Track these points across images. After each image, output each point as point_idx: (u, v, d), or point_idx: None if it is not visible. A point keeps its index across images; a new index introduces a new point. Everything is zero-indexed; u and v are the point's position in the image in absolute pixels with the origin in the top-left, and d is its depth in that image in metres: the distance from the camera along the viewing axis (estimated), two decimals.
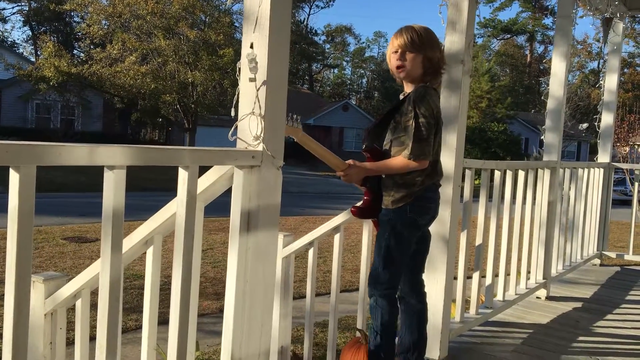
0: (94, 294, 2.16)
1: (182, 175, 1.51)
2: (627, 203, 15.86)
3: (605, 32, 4.77)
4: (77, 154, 1.21)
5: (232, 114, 1.80)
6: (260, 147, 1.65)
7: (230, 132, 1.69)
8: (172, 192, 1.62)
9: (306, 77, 57.86)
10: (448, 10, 2.71)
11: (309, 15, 56.90)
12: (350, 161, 2.31)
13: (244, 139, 1.68)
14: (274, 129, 1.69)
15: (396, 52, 2.26)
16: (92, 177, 17.31)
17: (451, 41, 2.69)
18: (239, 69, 1.69)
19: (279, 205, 1.75)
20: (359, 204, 2.41)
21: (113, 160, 1.31)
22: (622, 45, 5.30)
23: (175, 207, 1.62)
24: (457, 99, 2.66)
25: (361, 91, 61.86)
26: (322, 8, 57.95)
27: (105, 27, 26.62)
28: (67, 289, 2.07)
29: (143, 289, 1.97)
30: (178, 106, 26.62)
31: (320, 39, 58.23)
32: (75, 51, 40.58)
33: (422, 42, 2.23)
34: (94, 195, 13.12)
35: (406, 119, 2.19)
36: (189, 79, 24.94)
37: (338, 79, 62.45)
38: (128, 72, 24.51)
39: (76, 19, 40.55)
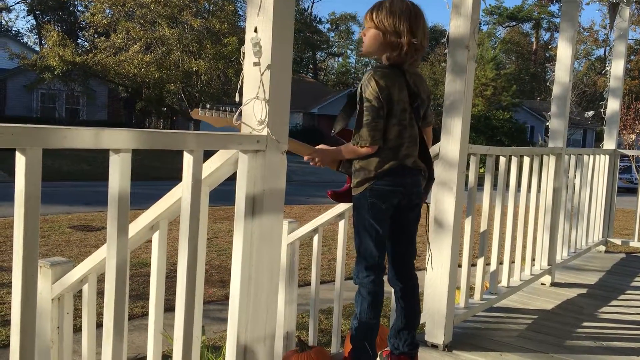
0: (100, 280, 2.18)
1: (187, 159, 1.51)
2: (632, 191, 15.80)
3: (612, 17, 4.73)
4: (83, 137, 1.22)
5: (237, 98, 1.80)
6: (264, 132, 1.65)
7: (235, 117, 1.70)
8: (177, 180, 1.62)
9: (310, 66, 57.65)
10: None
11: (312, 3, 56.73)
12: (320, 146, 2.30)
13: (248, 124, 1.68)
14: (278, 114, 1.69)
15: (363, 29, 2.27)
16: (96, 166, 17.37)
17: (456, 25, 2.67)
18: (243, 53, 1.69)
19: (283, 190, 1.75)
20: (339, 189, 2.41)
21: (118, 144, 1.31)
22: (628, 31, 5.25)
23: (181, 192, 1.63)
24: (462, 84, 2.64)
25: None
26: None
27: (109, 16, 26.55)
28: (74, 274, 2.08)
29: (149, 276, 1.98)
30: (182, 95, 26.61)
31: (324, 27, 57.98)
32: (79, 40, 40.55)
33: (380, 17, 2.16)
34: (99, 184, 13.15)
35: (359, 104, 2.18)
36: (193, 68, 24.90)
37: (342, 68, 62.21)
38: (132, 61, 24.50)
39: (80, 7, 40.53)
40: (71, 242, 8.31)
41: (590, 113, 31.26)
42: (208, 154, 1.69)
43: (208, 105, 2.16)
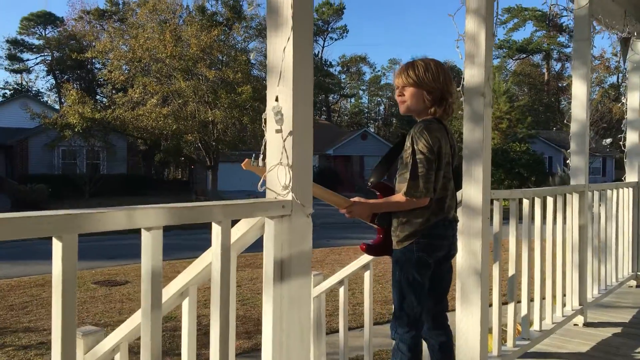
0: (131, 349, 2.18)
1: (216, 230, 1.54)
2: None
3: (624, 51, 4.75)
4: (116, 219, 1.25)
5: (260, 164, 1.83)
6: (289, 197, 1.68)
7: (260, 183, 1.72)
8: (194, 230, 1.64)
9: (324, 109, 58.32)
10: (465, 44, 2.73)
11: (323, 47, 57.64)
12: (355, 198, 2.31)
13: (273, 189, 1.71)
14: (302, 178, 1.71)
15: (397, 88, 2.32)
16: None
17: (470, 74, 2.71)
18: (265, 119, 1.73)
19: (310, 252, 1.77)
20: (370, 240, 2.40)
21: (150, 222, 1.34)
22: None
23: (209, 259, 1.65)
24: (480, 132, 2.67)
25: (379, 118, 62.12)
26: (336, 40, 58.80)
27: (126, 72, 27.32)
28: (106, 344, 2.10)
29: (175, 330, 1.99)
30: (199, 145, 27.01)
31: (335, 70, 58.90)
32: (98, 97, 41.64)
33: (418, 76, 2.24)
34: (121, 238, 13.28)
35: (406, 155, 2.20)
36: (209, 118, 25.35)
37: (355, 108, 62.87)
38: (150, 114, 25.03)
39: (97, 65, 41.71)
40: (96, 298, 8.34)
41: (608, 141, 31.02)
42: None
43: (261, 156, 2.17)
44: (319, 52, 57.11)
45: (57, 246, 1.18)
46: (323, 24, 56.01)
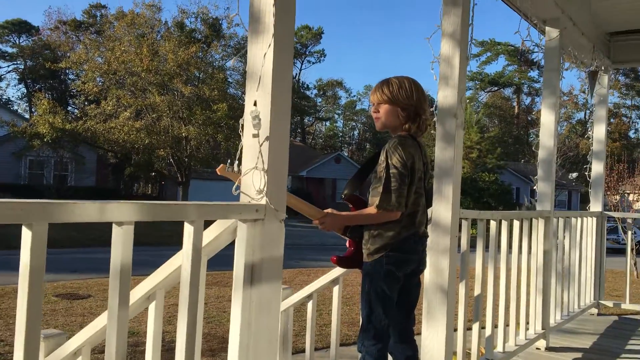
0: (94, 353, 2.14)
1: (188, 230, 1.54)
2: (619, 252, 15.88)
3: (592, 84, 4.92)
4: (89, 211, 1.24)
5: (235, 168, 1.85)
6: (263, 201, 1.69)
7: (234, 187, 1.73)
8: (164, 246, 1.64)
9: (299, 130, 58.54)
10: (440, 66, 2.81)
11: (300, 70, 58.12)
12: (328, 210, 2.33)
13: (247, 193, 1.72)
14: (276, 183, 1.73)
15: (373, 105, 2.38)
16: (83, 233, 17.20)
17: (444, 96, 2.77)
18: (242, 125, 1.75)
19: (282, 258, 1.77)
20: (342, 253, 2.42)
21: (122, 217, 1.33)
22: (608, 96, 5.45)
23: (179, 261, 1.64)
24: (451, 151, 2.72)
25: (353, 143, 62.60)
26: (313, 63, 59.27)
27: (100, 84, 27.04)
28: (68, 347, 2.05)
29: (137, 345, 1.96)
30: (172, 160, 26.79)
31: (312, 93, 59.32)
32: (69, 107, 41.03)
33: (392, 93, 2.29)
34: (86, 251, 13.01)
35: (380, 169, 2.23)
36: (183, 134, 25.20)
37: (330, 132, 63.26)
38: (122, 127, 24.77)
39: (71, 76, 41.25)
40: (57, 311, 8.12)
41: (575, 175, 31.79)
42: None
43: (237, 162, 2.18)
44: (296, 74, 57.49)
45: (26, 235, 1.17)
46: (301, 47, 56.53)
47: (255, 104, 1.69)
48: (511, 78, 53.52)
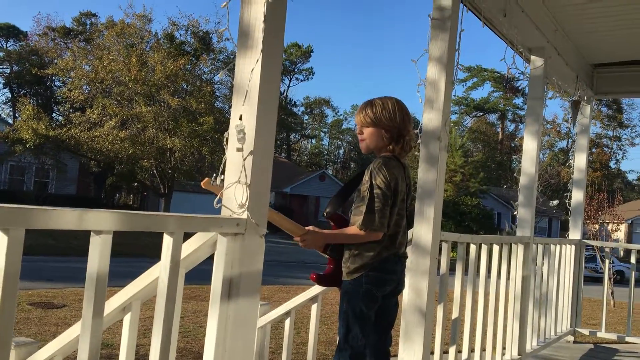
0: None
1: (167, 241, 1.53)
2: (598, 280, 16.02)
3: (574, 113, 5.00)
4: (67, 218, 1.23)
5: (218, 182, 1.84)
6: (244, 215, 1.68)
7: (216, 200, 1.73)
8: (144, 258, 1.63)
9: (284, 147, 58.61)
10: (426, 89, 2.84)
11: (288, 87, 58.36)
12: (309, 227, 2.32)
13: (229, 207, 1.72)
14: (259, 198, 1.73)
15: (357, 126, 2.39)
16: (61, 241, 16.96)
17: (429, 118, 2.80)
18: (227, 138, 1.75)
19: (260, 273, 1.76)
20: (321, 271, 2.42)
21: (101, 225, 1.32)
22: (589, 126, 5.55)
23: (157, 273, 1.62)
24: (434, 173, 2.75)
25: (338, 161, 62.75)
26: (301, 81, 59.54)
27: (86, 92, 26.86)
28: (39, 356, 2.01)
29: (110, 358, 1.93)
30: (155, 171, 26.61)
31: (299, 110, 59.56)
32: (54, 114, 40.68)
33: (376, 115, 2.30)
34: (63, 260, 12.81)
35: (364, 189, 2.23)
36: (168, 145, 25.07)
37: (315, 149, 63.41)
38: (107, 136, 24.57)
39: (57, 83, 40.96)
40: (30, 320, 7.97)
41: (555, 202, 32.13)
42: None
43: (220, 175, 2.17)
44: (284, 91, 57.73)
45: (2, 240, 1.15)
46: (290, 65, 56.83)
47: (240, 118, 1.70)
48: (496, 104, 54.23)
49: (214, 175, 1.84)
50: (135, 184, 31.48)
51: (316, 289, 3.05)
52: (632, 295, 5.37)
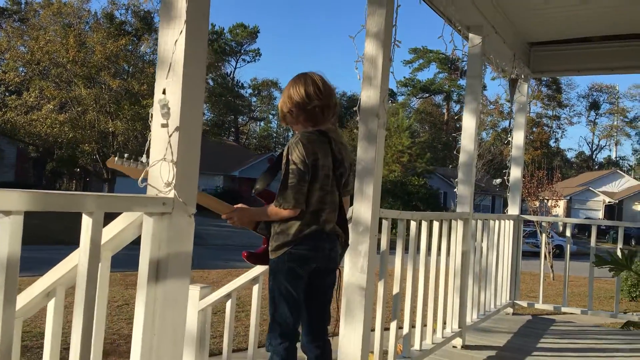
0: None
1: (86, 222, 1.44)
2: (538, 255, 16.60)
3: (512, 92, 5.10)
4: None
5: (144, 159, 1.76)
6: (171, 194, 1.62)
7: (140, 179, 1.65)
8: (70, 245, 1.54)
9: (232, 129, 57.93)
10: (364, 66, 2.81)
11: (235, 68, 57.54)
12: (238, 205, 2.29)
13: (154, 186, 1.64)
14: (186, 176, 1.66)
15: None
16: None
17: (367, 95, 2.78)
18: (151, 114, 1.67)
19: (190, 254, 1.71)
20: (254, 249, 2.39)
21: (8, 205, 1.23)
22: (527, 104, 5.68)
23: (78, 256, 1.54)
24: (373, 151, 2.73)
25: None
26: (248, 62, 58.80)
27: (22, 74, 25.74)
28: None
29: (41, 348, 1.84)
30: (97, 156, 25.81)
31: (246, 92, 58.85)
32: None
33: (284, 96, 2.33)
34: None
35: (282, 165, 2.22)
36: (110, 129, 24.35)
37: (264, 132, 62.98)
38: (45, 120, 23.64)
39: None
40: None
41: (498, 181, 32.97)
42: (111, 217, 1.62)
43: (126, 155, 2.09)
44: (231, 71, 56.91)
45: None
46: (236, 46, 55.97)
47: (164, 92, 1.62)
48: (442, 86, 55.19)
49: (118, 153, 1.77)
50: (77, 169, 30.48)
51: (257, 270, 3.00)
52: (567, 268, 5.58)
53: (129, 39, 26.36)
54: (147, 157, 1.71)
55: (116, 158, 1.99)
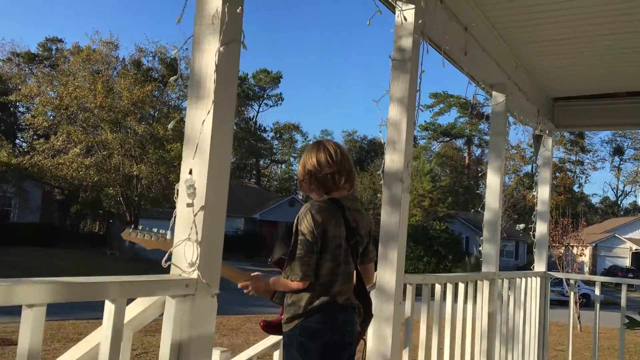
0: None
1: (109, 308, 1.43)
2: (564, 303, 16.19)
3: (536, 147, 5.05)
4: None
5: (168, 236, 1.76)
6: (195, 275, 1.60)
7: (164, 259, 1.64)
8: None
9: (254, 172, 58.42)
10: (388, 130, 2.81)
11: (257, 112, 58.40)
12: (254, 273, 2.26)
13: (178, 265, 1.63)
14: (210, 255, 1.64)
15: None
16: (21, 271, 16.42)
17: (391, 160, 2.77)
18: (177, 191, 1.67)
19: (212, 335, 1.67)
20: (270, 318, 2.34)
21: (32, 299, 1.22)
22: (552, 158, 5.61)
23: (98, 338, 1.52)
24: (397, 216, 2.70)
25: None
26: (271, 106, 59.69)
27: (51, 118, 26.42)
28: None
29: None
30: (121, 199, 26.14)
31: (268, 136, 59.56)
32: (17, 141, 39.78)
33: (301, 164, 2.32)
34: None
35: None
36: (134, 172, 24.71)
37: (285, 175, 63.32)
38: (71, 163, 24.13)
39: (21, 109, 40.17)
40: None
41: (521, 226, 32.61)
42: None
43: (140, 227, 2.10)
44: (253, 116, 57.78)
45: None
46: (259, 90, 57.01)
47: (190, 172, 1.62)
48: (462, 130, 55.21)
49: (132, 226, 1.78)
50: (101, 211, 30.85)
51: (278, 335, 2.95)
52: (597, 328, 5.38)
53: (155, 85, 27.01)
54: (172, 233, 1.70)
55: (130, 230, 2.02)
